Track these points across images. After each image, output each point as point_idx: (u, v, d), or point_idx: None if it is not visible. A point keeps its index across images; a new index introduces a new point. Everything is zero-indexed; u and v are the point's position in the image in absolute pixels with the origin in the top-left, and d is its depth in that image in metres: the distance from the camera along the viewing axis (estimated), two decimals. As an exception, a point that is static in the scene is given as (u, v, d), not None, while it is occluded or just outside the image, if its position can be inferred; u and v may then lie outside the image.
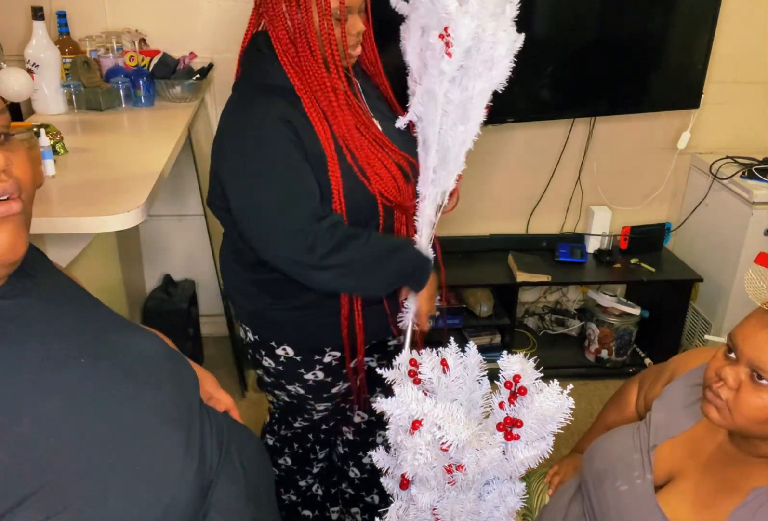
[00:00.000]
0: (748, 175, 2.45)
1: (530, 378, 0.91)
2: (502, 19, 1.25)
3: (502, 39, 1.25)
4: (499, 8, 1.25)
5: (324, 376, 1.52)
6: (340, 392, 1.57)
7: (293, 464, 1.77)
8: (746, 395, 0.90)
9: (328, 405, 1.60)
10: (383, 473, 0.97)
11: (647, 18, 2.31)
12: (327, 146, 1.25)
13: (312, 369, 1.50)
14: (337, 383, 1.54)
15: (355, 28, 1.25)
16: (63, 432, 0.70)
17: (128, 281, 2.51)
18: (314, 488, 1.86)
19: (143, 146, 1.80)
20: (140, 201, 1.36)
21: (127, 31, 2.22)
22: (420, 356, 0.94)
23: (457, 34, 1.18)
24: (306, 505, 1.87)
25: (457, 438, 0.83)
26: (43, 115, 2.01)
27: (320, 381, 1.52)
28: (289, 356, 1.49)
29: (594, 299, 2.71)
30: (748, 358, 0.91)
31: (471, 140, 1.32)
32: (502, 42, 1.25)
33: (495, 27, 1.23)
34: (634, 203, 2.74)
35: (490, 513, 0.94)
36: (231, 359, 2.66)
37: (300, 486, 1.81)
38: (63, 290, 0.86)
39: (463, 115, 1.29)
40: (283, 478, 1.80)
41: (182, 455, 0.78)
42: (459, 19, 1.18)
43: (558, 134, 2.59)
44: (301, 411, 1.62)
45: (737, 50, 2.50)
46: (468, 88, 1.27)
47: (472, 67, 1.25)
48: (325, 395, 1.56)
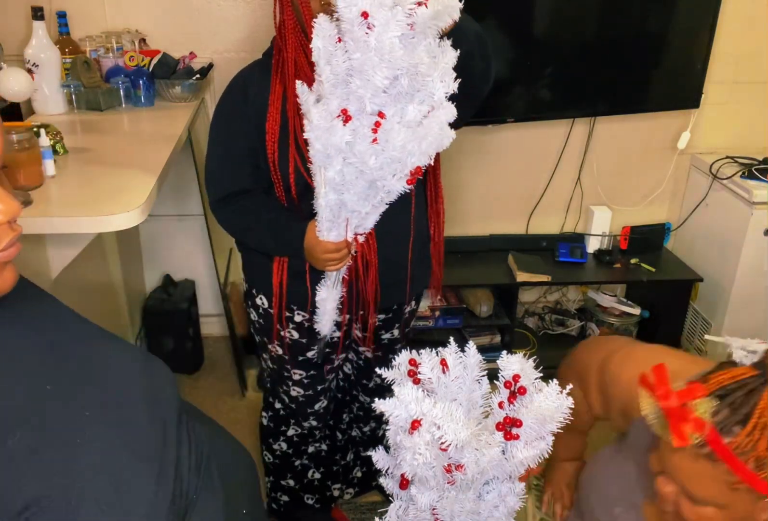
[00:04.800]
0: (748, 175, 2.45)
1: (529, 378, 0.91)
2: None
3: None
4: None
5: (299, 336, 1.60)
6: (315, 360, 1.64)
7: (288, 448, 1.84)
8: (685, 509, 0.90)
9: (303, 374, 1.67)
10: (383, 473, 0.97)
11: (647, 18, 2.31)
12: (273, 112, 1.36)
13: (286, 327, 1.58)
14: (312, 347, 1.61)
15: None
16: (25, 472, 0.67)
17: (128, 281, 2.52)
18: (310, 473, 1.91)
19: (143, 146, 1.80)
20: (140, 201, 1.36)
21: (127, 31, 2.22)
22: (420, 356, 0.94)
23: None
24: (306, 490, 1.94)
25: (457, 437, 0.83)
26: (43, 115, 2.01)
27: (296, 341, 1.61)
28: (265, 308, 1.60)
29: (594, 299, 2.71)
30: (680, 487, 0.89)
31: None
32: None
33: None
34: (634, 203, 2.74)
35: (489, 512, 0.94)
36: (231, 359, 2.66)
37: (296, 466, 1.88)
38: (37, 308, 0.83)
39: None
40: (277, 465, 1.88)
41: (154, 488, 0.75)
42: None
43: (558, 134, 2.59)
44: (282, 381, 1.71)
45: (737, 50, 2.50)
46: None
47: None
48: (300, 358, 1.63)
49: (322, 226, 1.34)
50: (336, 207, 1.31)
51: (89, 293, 2.08)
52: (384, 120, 1.17)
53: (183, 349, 2.58)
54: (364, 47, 1.10)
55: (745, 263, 2.43)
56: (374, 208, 1.31)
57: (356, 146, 1.18)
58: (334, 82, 1.15)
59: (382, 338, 1.71)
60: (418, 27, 1.10)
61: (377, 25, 1.07)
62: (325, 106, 1.18)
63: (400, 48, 1.10)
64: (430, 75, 1.14)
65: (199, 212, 2.49)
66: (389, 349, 1.74)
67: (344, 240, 1.36)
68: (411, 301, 1.70)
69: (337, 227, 1.34)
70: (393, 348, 1.74)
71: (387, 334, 1.71)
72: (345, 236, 1.36)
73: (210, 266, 2.58)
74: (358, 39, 1.09)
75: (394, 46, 1.09)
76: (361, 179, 1.23)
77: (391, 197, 1.28)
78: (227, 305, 2.39)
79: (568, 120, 2.54)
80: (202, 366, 2.68)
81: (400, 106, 1.17)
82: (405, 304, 1.68)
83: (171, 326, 2.56)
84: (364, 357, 1.77)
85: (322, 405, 1.76)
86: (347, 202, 1.29)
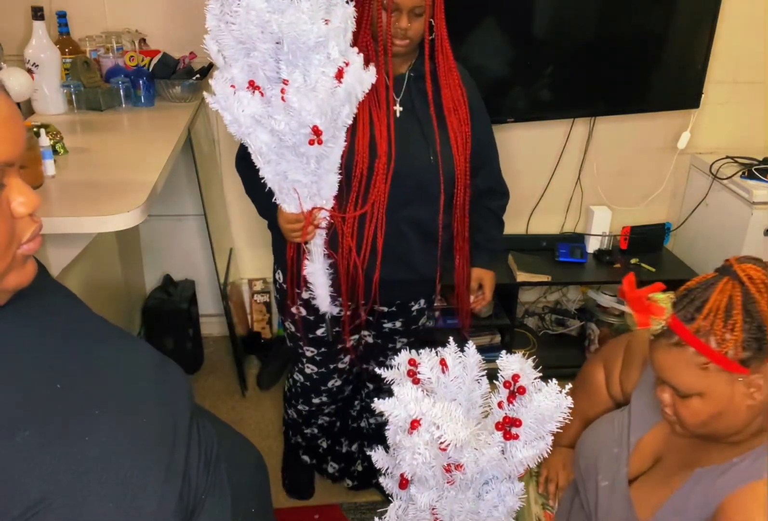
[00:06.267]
0: (748, 175, 2.45)
1: (529, 378, 0.91)
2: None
3: None
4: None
5: (306, 313, 1.66)
6: (326, 338, 1.70)
7: (298, 417, 1.95)
8: (679, 408, 1.00)
9: (314, 351, 1.74)
10: (382, 473, 0.97)
11: (647, 18, 2.31)
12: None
13: (295, 304, 1.65)
14: (320, 324, 1.67)
15: (399, 23, 1.42)
16: (34, 467, 0.67)
17: (128, 281, 2.52)
18: (320, 440, 2.03)
19: (143, 146, 1.80)
20: (140, 201, 1.36)
21: (127, 31, 2.22)
22: (419, 356, 0.94)
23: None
24: (308, 452, 2.06)
25: (456, 437, 0.83)
26: (43, 115, 2.01)
27: (304, 318, 1.68)
28: (280, 282, 1.68)
29: (594, 299, 2.71)
30: (664, 381, 1.01)
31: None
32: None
33: None
34: (634, 203, 2.74)
35: (489, 512, 0.94)
36: (231, 359, 2.66)
37: (306, 432, 1.99)
38: (51, 304, 0.84)
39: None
40: (290, 424, 2.03)
41: (162, 486, 0.76)
42: None
43: (558, 134, 2.59)
44: (298, 358, 1.79)
45: (737, 50, 2.49)
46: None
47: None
48: (310, 335, 1.71)
49: (278, 197, 1.41)
50: (278, 178, 1.36)
51: (89, 293, 2.08)
52: (287, 86, 1.21)
53: (183, 349, 2.58)
54: (241, 17, 1.16)
55: (745, 263, 2.43)
56: (318, 177, 1.36)
57: (265, 114, 1.24)
58: (232, 54, 1.22)
59: (384, 327, 1.76)
60: None
61: None
62: (228, 75, 1.24)
63: (268, 11, 1.15)
64: (319, 36, 1.18)
65: (199, 212, 2.49)
66: (389, 338, 1.78)
67: (301, 212, 1.41)
68: (419, 300, 1.73)
69: (291, 199, 1.40)
70: (393, 338, 1.79)
71: (389, 324, 1.75)
72: (300, 208, 1.41)
73: (210, 266, 2.58)
74: (234, 11, 1.17)
75: (262, 10, 1.14)
76: (283, 147, 1.28)
77: (330, 165, 1.35)
78: (227, 305, 2.39)
79: (568, 120, 2.54)
80: (202, 366, 2.68)
81: (299, 71, 1.22)
82: (411, 301, 1.71)
83: (171, 326, 2.56)
84: (365, 342, 1.81)
85: (335, 383, 1.83)
86: (286, 172, 1.34)
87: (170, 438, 0.81)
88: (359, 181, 1.47)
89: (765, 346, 0.92)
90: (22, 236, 0.71)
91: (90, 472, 0.70)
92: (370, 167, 1.46)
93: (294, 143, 1.27)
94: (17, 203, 0.69)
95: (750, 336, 0.91)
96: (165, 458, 0.79)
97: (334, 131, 1.31)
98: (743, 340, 0.91)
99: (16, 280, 0.72)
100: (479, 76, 1.69)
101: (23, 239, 0.71)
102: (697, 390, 0.96)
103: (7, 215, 0.69)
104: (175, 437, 0.82)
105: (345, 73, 1.24)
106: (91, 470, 0.70)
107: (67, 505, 0.68)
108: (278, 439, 2.28)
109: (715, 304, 0.93)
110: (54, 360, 0.76)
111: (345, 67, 1.24)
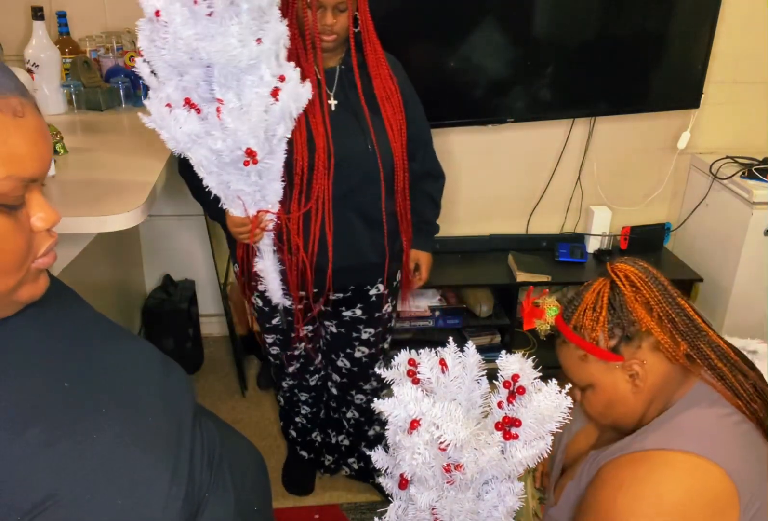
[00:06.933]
0: (748, 175, 2.45)
1: (529, 378, 0.91)
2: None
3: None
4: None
5: (262, 304, 1.75)
6: (281, 326, 1.78)
7: (285, 404, 2.04)
8: (582, 402, 1.11)
9: (273, 337, 1.83)
10: (382, 473, 0.97)
11: (647, 18, 2.31)
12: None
13: (252, 293, 1.73)
14: (274, 315, 1.76)
15: (324, 19, 1.47)
16: (41, 465, 0.68)
17: (128, 281, 2.52)
18: (314, 434, 2.08)
19: (143, 146, 1.80)
20: (140, 201, 1.36)
21: (127, 31, 2.22)
22: (419, 356, 0.94)
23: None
24: (304, 447, 2.11)
25: (456, 437, 0.83)
26: (43, 115, 2.00)
27: (261, 309, 1.77)
28: (235, 271, 1.75)
29: (594, 299, 2.71)
30: (566, 377, 1.10)
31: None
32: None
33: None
34: (634, 203, 2.74)
35: (489, 512, 0.94)
36: (231, 359, 2.66)
37: (296, 422, 2.06)
38: (59, 304, 0.84)
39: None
40: (282, 415, 2.11)
41: (169, 485, 0.76)
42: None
43: (558, 134, 2.59)
44: (264, 342, 1.88)
45: (737, 50, 2.49)
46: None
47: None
48: (267, 325, 1.80)
49: (224, 203, 1.43)
50: (222, 187, 1.38)
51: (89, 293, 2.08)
52: (222, 106, 1.23)
53: (183, 349, 2.58)
54: (170, 43, 1.16)
55: (745, 263, 2.43)
56: (261, 187, 1.39)
57: (202, 132, 1.26)
58: (165, 75, 1.22)
59: (344, 315, 1.80)
60: (217, 14, 1.15)
61: (170, 22, 1.14)
62: (162, 95, 1.24)
63: (196, 39, 1.15)
64: (251, 58, 1.19)
65: (199, 212, 2.49)
66: (352, 327, 1.81)
67: (247, 216, 1.45)
68: (376, 285, 1.76)
69: (237, 204, 1.43)
70: (357, 328, 1.81)
71: (348, 312, 1.79)
72: (246, 213, 1.44)
73: (210, 266, 2.58)
74: (162, 37, 1.16)
75: (189, 38, 1.14)
76: (221, 162, 1.31)
77: (273, 175, 1.37)
78: (227, 305, 2.39)
79: (568, 120, 2.54)
80: (202, 366, 2.68)
81: (233, 92, 1.23)
82: (366, 286, 1.75)
83: (171, 326, 2.56)
84: (329, 331, 1.85)
85: (295, 367, 1.90)
86: (228, 183, 1.36)
87: (175, 437, 0.82)
88: (301, 178, 1.51)
89: (632, 333, 1.02)
90: (38, 249, 0.73)
91: (97, 469, 0.71)
92: (311, 163, 1.50)
93: (232, 159, 1.30)
94: (36, 218, 0.71)
95: (614, 325, 1.02)
96: (171, 456, 0.79)
97: (271, 147, 1.33)
98: (608, 329, 1.02)
99: (29, 292, 0.74)
100: (479, 76, 1.69)
101: (39, 253, 0.73)
102: (586, 382, 1.07)
103: (26, 229, 0.70)
104: (180, 436, 0.83)
105: (280, 90, 1.26)
106: (99, 467, 0.71)
107: (75, 502, 0.69)
108: (278, 439, 2.28)
109: (587, 302, 1.06)
110: (62, 360, 0.77)
111: (281, 84, 1.26)
